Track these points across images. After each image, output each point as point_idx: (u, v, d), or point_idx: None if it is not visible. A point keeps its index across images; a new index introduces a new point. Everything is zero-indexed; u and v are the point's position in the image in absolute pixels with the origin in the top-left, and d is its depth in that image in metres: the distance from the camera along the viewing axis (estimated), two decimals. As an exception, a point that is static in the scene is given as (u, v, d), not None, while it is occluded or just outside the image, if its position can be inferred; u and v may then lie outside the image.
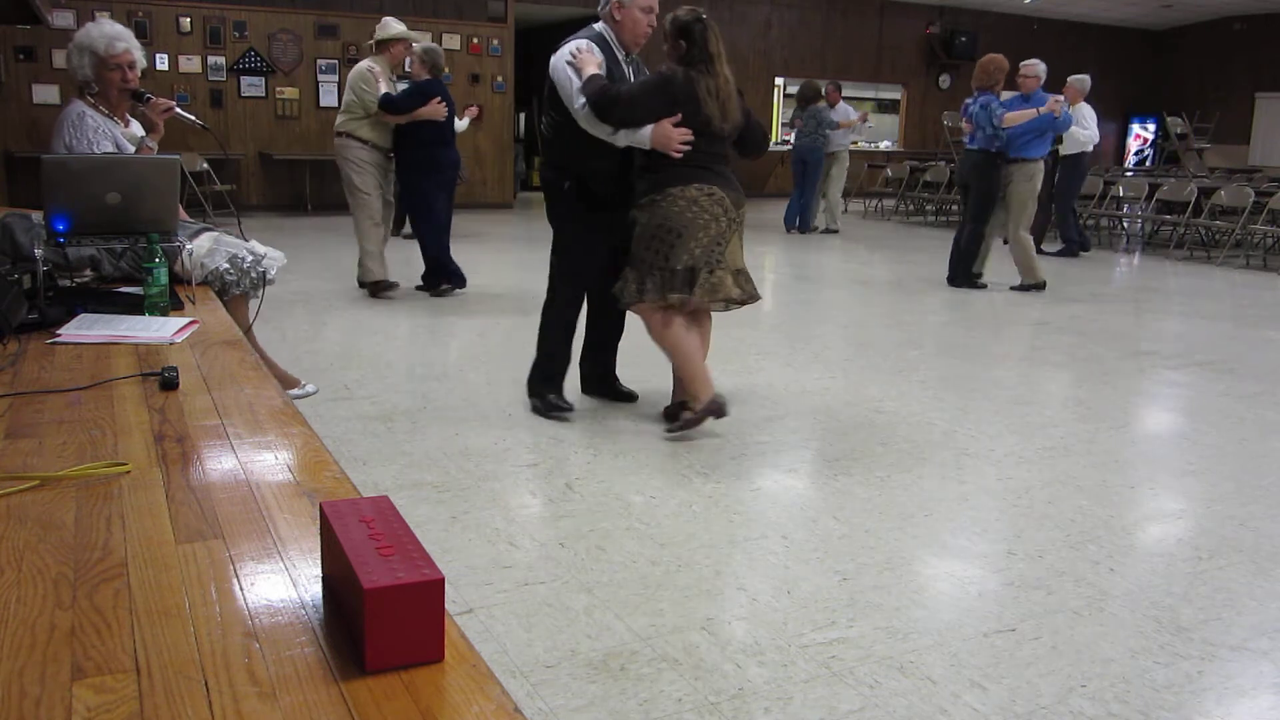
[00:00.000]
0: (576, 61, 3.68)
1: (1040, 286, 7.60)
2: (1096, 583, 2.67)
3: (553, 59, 3.75)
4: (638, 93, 3.57)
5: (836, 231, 11.20)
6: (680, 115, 3.55)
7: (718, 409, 3.75)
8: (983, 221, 7.50)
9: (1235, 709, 2.12)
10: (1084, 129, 9.25)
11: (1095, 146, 9.71)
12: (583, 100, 3.59)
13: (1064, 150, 9.36)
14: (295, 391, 3.97)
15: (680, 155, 3.58)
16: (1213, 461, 3.75)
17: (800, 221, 11.14)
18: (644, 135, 3.58)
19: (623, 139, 3.64)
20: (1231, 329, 6.55)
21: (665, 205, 3.57)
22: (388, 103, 6.11)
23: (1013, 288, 7.61)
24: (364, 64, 6.27)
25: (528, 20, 14.22)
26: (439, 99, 6.19)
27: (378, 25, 6.39)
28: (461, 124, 7.31)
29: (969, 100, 7.46)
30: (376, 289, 6.47)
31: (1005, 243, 7.93)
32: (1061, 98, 7.68)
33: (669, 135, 3.54)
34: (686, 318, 3.72)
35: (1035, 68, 7.59)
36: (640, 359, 4.31)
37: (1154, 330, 6.52)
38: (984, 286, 7.65)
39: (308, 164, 11.58)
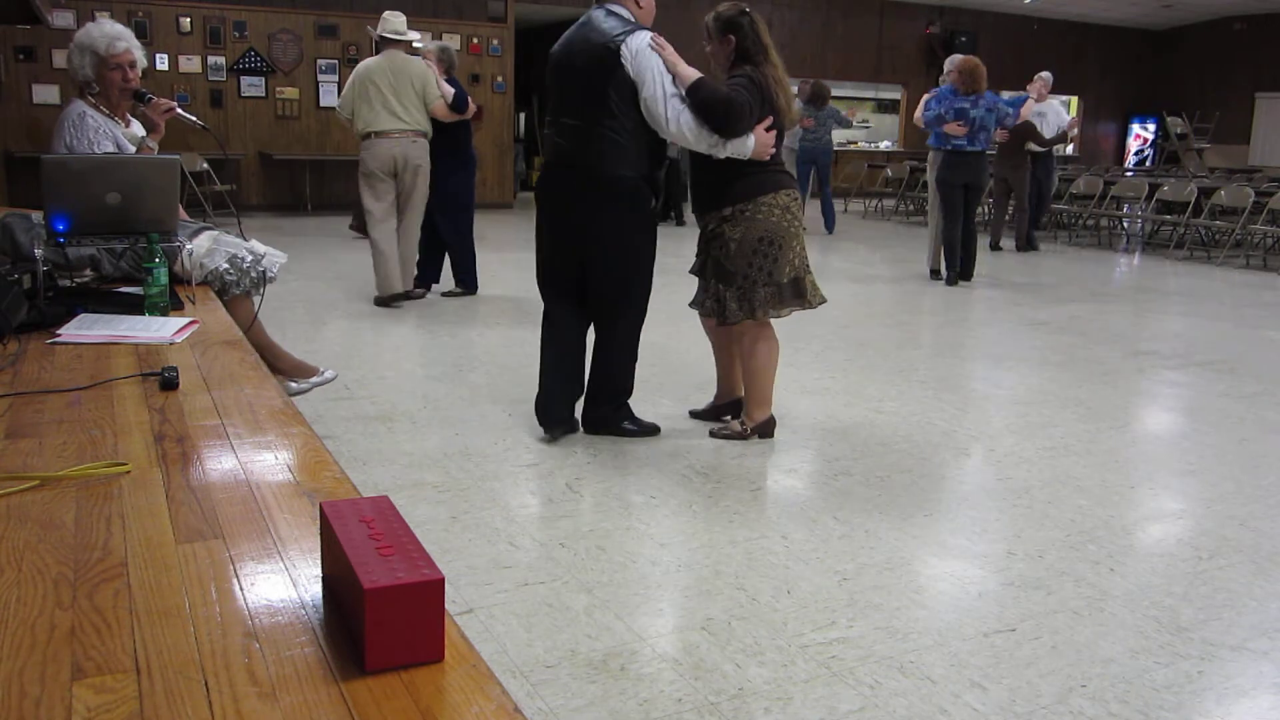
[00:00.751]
0: (665, 55, 3.32)
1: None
2: (1096, 583, 2.67)
3: (632, 48, 3.28)
4: (750, 99, 3.33)
5: None
6: (770, 117, 3.40)
7: (768, 431, 3.75)
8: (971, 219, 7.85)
9: (1235, 709, 2.12)
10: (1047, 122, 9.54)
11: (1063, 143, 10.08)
12: (678, 107, 3.29)
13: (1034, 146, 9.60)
14: (315, 379, 3.96)
15: (769, 159, 3.44)
16: (1213, 461, 3.75)
17: (826, 223, 11.15)
18: (750, 144, 3.37)
19: (729, 150, 3.36)
20: (1231, 329, 6.55)
21: (762, 216, 3.42)
22: (462, 101, 5.90)
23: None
24: (421, 61, 6.00)
25: (528, 20, 14.22)
26: None
27: (381, 19, 6.09)
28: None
29: (964, 103, 7.40)
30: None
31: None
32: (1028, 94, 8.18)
33: (765, 140, 3.38)
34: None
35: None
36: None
37: (1154, 330, 6.52)
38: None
39: (307, 164, 11.58)
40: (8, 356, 1.91)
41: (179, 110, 3.48)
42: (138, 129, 3.47)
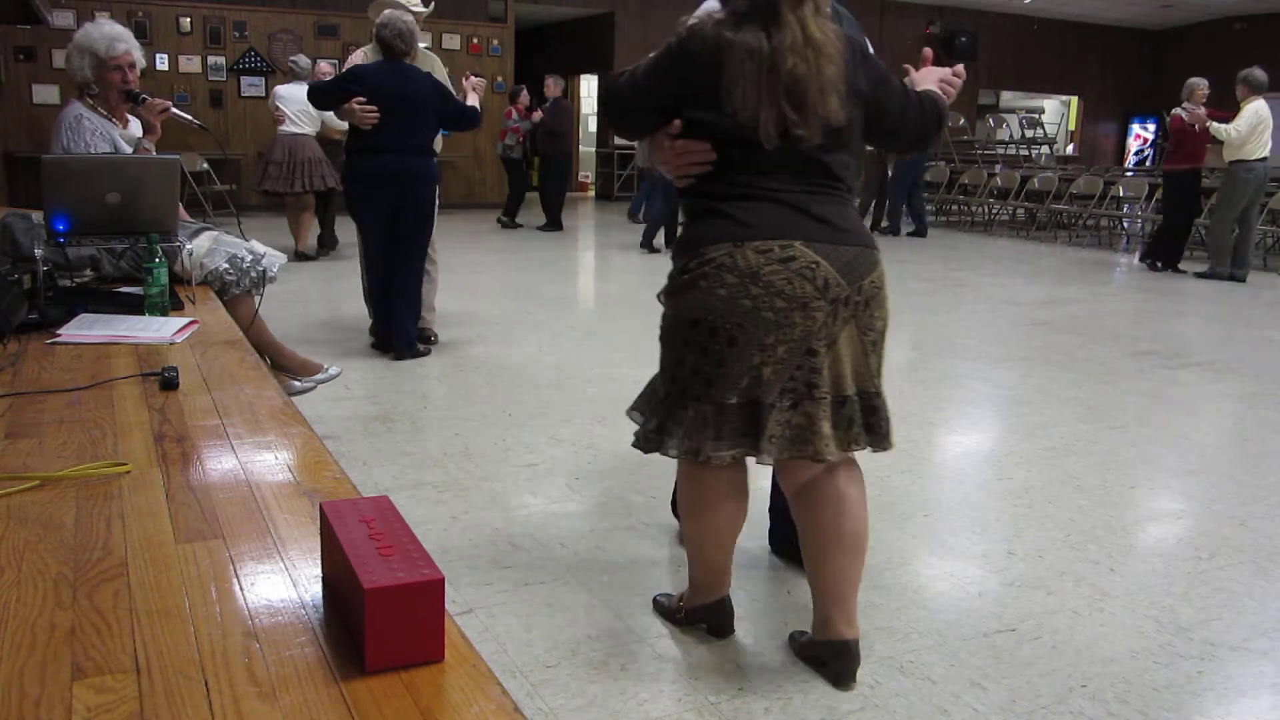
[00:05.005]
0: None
1: None
2: (1096, 583, 2.67)
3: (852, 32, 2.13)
4: (639, 73, 2.05)
5: None
6: (697, 113, 1.97)
7: (714, 620, 2.31)
8: (672, 200, 8.29)
9: (1235, 709, 2.12)
10: None
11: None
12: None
13: None
14: (320, 376, 3.96)
15: (694, 181, 2.03)
16: (1213, 461, 3.75)
17: (890, 225, 11.20)
18: (642, 150, 2.22)
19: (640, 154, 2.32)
20: (1231, 329, 6.55)
21: (703, 284, 1.96)
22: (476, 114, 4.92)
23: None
24: (437, 60, 5.17)
25: (528, 20, 14.23)
26: None
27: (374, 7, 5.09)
28: None
29: None
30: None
31: None
32: None
33: (676, 151, 2.02)
34: (735, 484, 2.20)
35: None
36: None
37: (1154, 330, 6.52)
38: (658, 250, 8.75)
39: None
40: (8, 356, 1.91)
41: (174, 110, 3.48)
42: (136, 129, 3.47)
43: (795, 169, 1.97)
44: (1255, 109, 8.13)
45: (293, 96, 7.74)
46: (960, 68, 2.28)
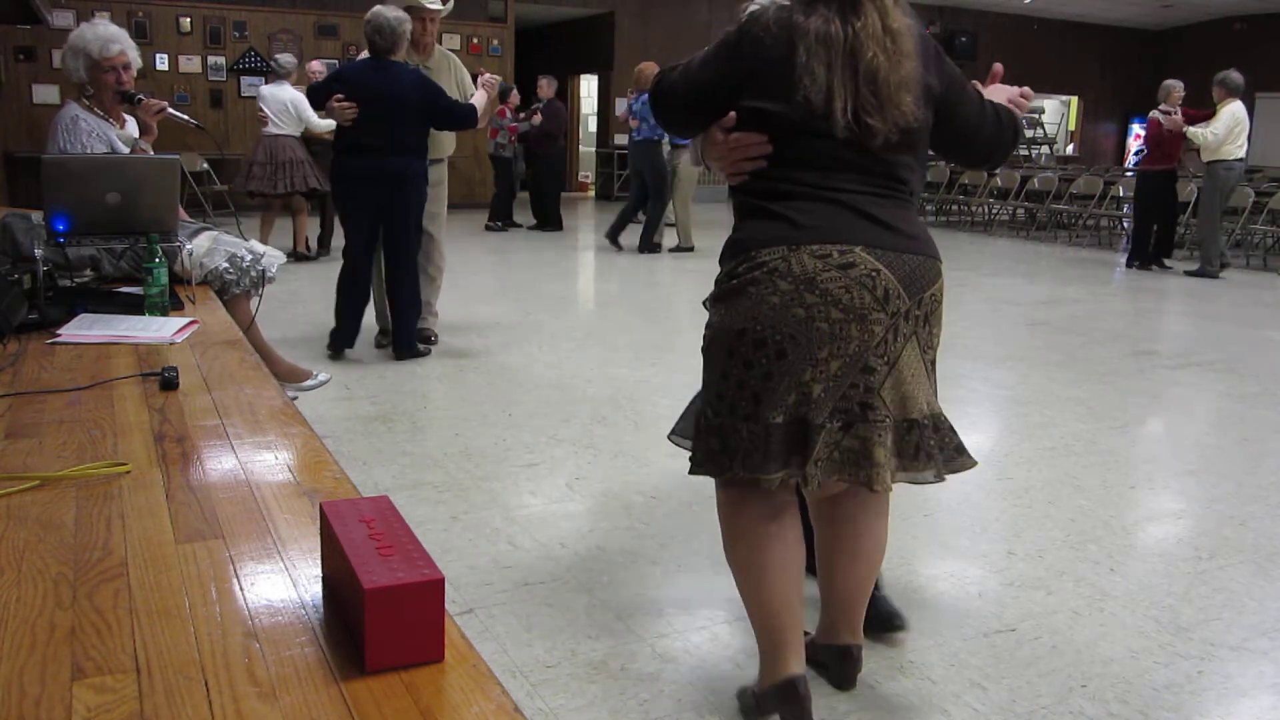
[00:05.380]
0: None
1: (691, 249, 9.18)
2: (1096, 583, 2.67)
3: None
4: (693, 65, 1.90)
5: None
6: (757, 102, 1.80)
7: (782, 710, 1.93)
8: (663, 199, 9.11)
9: (1235, 709, 2.12)
10: None
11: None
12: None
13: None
14: (310, 382, 3.94)
15: (747, 178, 1.86)
16: (1213, 461, 3.75)
17: None
18: (694, 149, 2.07)
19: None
20: (1231, 329, 6.55)
21: (753, 291, 1.78)
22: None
23: (672, 250, 9.20)
24: (455, 59, 5.06)
25: (528, 20, 14.23)
26: None
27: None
28: None
29: (630, 100, 9.16)
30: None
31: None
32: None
33: (730, 145, 1.86)
34: (782, 510, 1.94)
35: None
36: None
37: (1154, 330, 6.52)
38: (658, 249, 9.16)
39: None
40: (8, 356, 1.91)
41: (170, 110, 3.48)
42: (133, 129, 3.47)
43: (860, 168, 1.79)
44: (1232, 111, 8.34)
45: (274, 97, 7.72)
46: (1028, 90, 2.13)
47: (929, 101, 1.83)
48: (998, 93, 2.09)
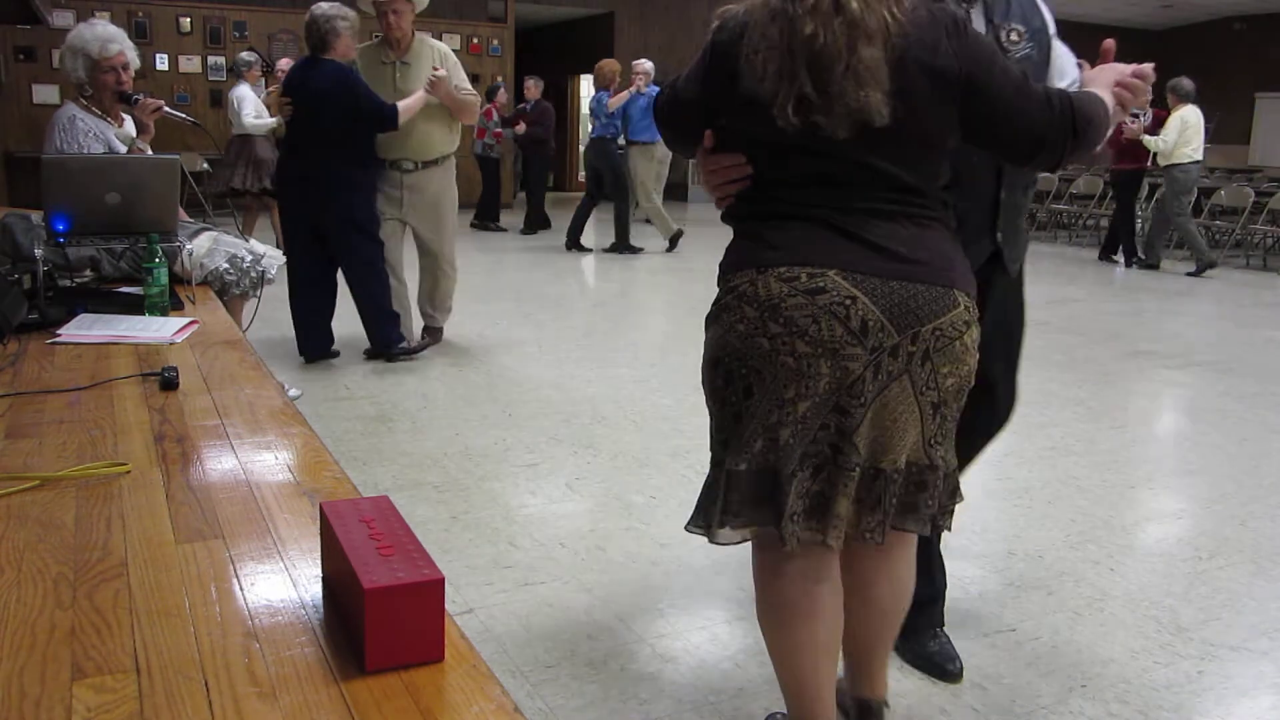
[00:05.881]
0: None
1: (679, 234, 9.18)
2: (1096, 583, 2.67)
3: None
4: (679, 81, 1.74)
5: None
6: (732, 118, 1.64)
7: None
8: (625, 197, 9.02)
9: (1235, 709, 2.12)
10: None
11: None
12: None
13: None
14: None
15: (728, 200, 1.69)
16: (1213, 461, 3.75)
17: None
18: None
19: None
20: (1231, 329, 6.55)
21: (725, 317, 1.62)
22: None
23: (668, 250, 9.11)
24: (440, 48, 4.87)
25: (528, 20, 14.23)
26: None
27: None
28: None
29: (592, 98, 9.16)
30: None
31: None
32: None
33: (708, 168, 1.71)
34: (822, 577, 1.72)
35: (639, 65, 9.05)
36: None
37: (1154, 330, 6.52)
38: (638, 251, 9.06)
39: (307, 164, 11.57)
40: (8, 356, 1.91)
41: (167, 109, 3.47)
42: (132, 128, 3.47)
43: (848, 181, 1.55)
44: (1181, 116, 8.58)
45: (244, 96, 7.90)
46: (1148, 67, 1.76)
47: (944, 87, 1.51)
48: (1103, 74, 1.80)
